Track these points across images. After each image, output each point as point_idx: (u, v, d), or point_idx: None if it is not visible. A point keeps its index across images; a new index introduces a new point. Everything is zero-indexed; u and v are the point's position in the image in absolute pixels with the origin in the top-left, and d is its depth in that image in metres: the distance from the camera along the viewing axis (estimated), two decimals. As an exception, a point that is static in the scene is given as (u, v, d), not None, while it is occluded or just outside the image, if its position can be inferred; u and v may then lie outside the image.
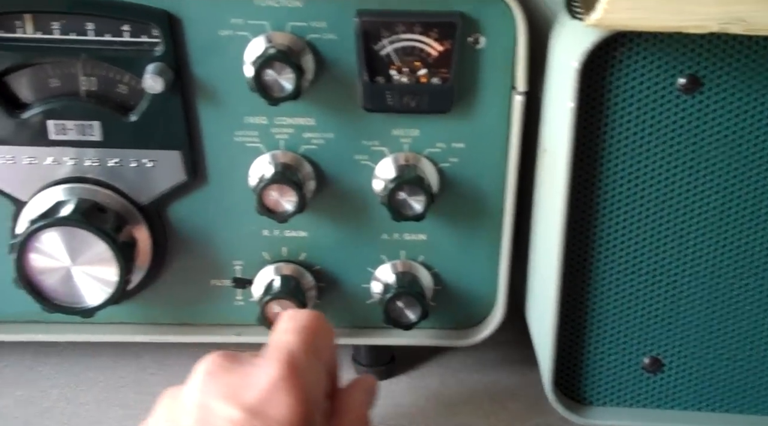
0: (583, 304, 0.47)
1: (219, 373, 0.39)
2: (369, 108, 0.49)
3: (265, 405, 0.37)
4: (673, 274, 0.46)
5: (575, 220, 0.45)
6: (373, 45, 0.48)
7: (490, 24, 0.48)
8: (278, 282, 0.52)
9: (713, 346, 0.48)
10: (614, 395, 0.49)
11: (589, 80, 0.42)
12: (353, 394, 0.45)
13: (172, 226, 0.53)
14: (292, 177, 0.49)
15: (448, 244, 0.54)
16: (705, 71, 0.41)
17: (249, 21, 0.47)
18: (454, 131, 0.51)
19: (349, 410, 0.44)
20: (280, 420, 0.37)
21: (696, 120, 0.42)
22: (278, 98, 0.47)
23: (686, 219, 0.44)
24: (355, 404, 0.45)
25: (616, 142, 0.43)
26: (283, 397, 0.38)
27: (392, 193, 0.49)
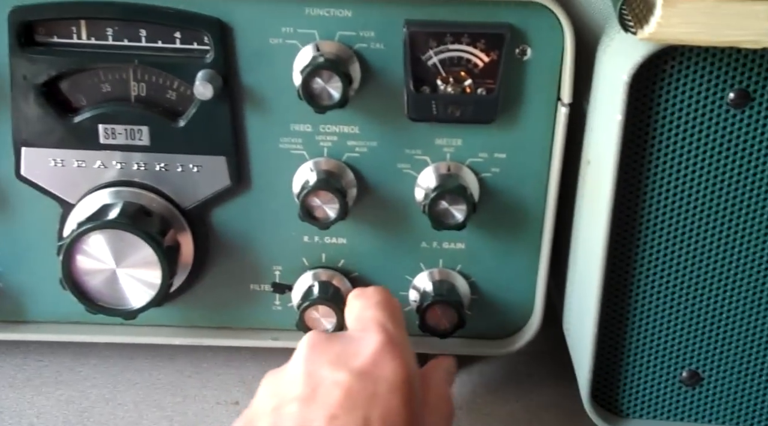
0: (623, 316, 0.47)
1: (322, 344, 0.41)
2: (414, 117, 0.50)
3: (372, 368, 0.39)
4: (715, 289, 0.46)
5: (618, 232, 0.45)
6: (420, 55, 0.48)
7: (538, 36, 0.48)
8: (317, 288, 0.53)
9: (753, 361, 0.48)
10: (652, 408, 0.49)
11: (638, 93, 0.42)
12: (434, 372, 0.47)
13: (215, 230, 0.54)
14: (335, 184, 0.50)
15: (486, 254, 0.54)
16: (755, 86, 0.41)
17: (299, 30, 0.48)
18: (496, 141, 0.51)
19: (431, 387, 0.45)
20: (388, 379, 0.39)
21: (745, 135, 0.42)
22: (326, 106, 0.47)
23: (730, 234, 0.44)
24: (437, 382, 0.46)
25: (662, 156, 0.43)
26: (389, 360, 0.39)
27: (434, 202, 0.50)
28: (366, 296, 0.45)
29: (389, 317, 0.43)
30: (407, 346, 0.42)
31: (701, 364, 0.48)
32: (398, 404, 0.38)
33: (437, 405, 0.44)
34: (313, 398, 0.38)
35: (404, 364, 0.39)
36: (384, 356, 0.39)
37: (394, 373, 0.39)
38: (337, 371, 0.39)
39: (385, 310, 0.43)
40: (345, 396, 0.37)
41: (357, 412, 0.37)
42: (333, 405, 0.37)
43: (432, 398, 0.44)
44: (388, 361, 0.39)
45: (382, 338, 0.40)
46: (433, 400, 0.44)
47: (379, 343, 0.40)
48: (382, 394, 0.38)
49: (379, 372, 0.39)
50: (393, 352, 0.40)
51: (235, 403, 0.56)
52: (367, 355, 0.40)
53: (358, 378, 0.38)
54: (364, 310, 0.44)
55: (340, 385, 0.38)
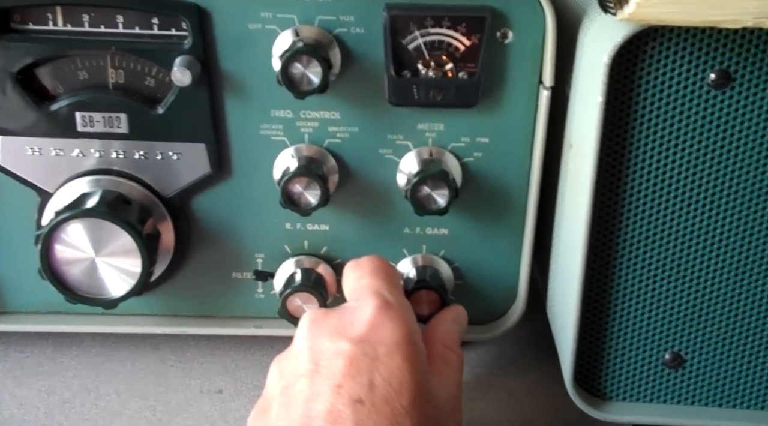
0: (606, 300, 0.47)
1: (320, 319, 0.42)
2: (395, 102, 0.49)
3: (370, 334, 0.40)
4: (697, 271, 0.46)
5: (600, 215, 0.45)
6: (401, 39, 0.48)
7: (519, 19, 0.48)
8: (299, 275, 0.53)
9: (735, 343, 0.48)
10: (635, 391, 0.49)
11: (618, 75, 0.42)
12: (439, 325, 0.48)
13: (196, 218, 0.53)
14: (316, 170, 0.49)
15: (469, 239, 0.54)
16: (736, 66, 0.41)
17: (278, 14, 0.48)
18: (479, 126, 0.51)
19: (438, 340, 0.46)
20: (387, 341, 0.40)
21: (726, 115, 0.42)
22: (305, 92, 0.47)
23: (712, 215, 0.45)
24: (443, 333, 0.47)
25: (644, 138, 0.43)
26: (386, 323, 0.41)
27: (416, 187, 0.49)
28: (360, 266, 0.46)
29: (384, 282, 0.44)
30: (404, 307, 0.43)
31: (683, 346, 0.48)
32: (400, 363, 0.39)
33: (444, 355, 0.45)
34: (317, 371, 0.39)
35: (402, 324, 0.41)
36: (381, 320, 0.41)
37: (392, 335, 0.40)
38: (338, 342, 0.40)
39: (378, 277, 0.44)
40: (348, 364, 0.39)
41: (361, 378, 0.38)
42: (337, 374, 0.38)
43: (438, 350, 0.45)
44: (385, 323, 0.41)
45: (377, 303, 0.42)
46: (439, 351, 0.45)
47: (375, 308, 0.41)
48: (382, 357, 0.39)
49: (378, 336, 0.40)
50: (389, 314, 0.41)
51: (218, 392, 0.55)
52: (364, 321, 0.41)
53: (358, 345, 0.39)
54: (359, 279, 0.45)
55: (342, 355, 0.39)
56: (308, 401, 0.38)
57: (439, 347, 0.46)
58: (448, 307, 0.50)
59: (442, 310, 0.50)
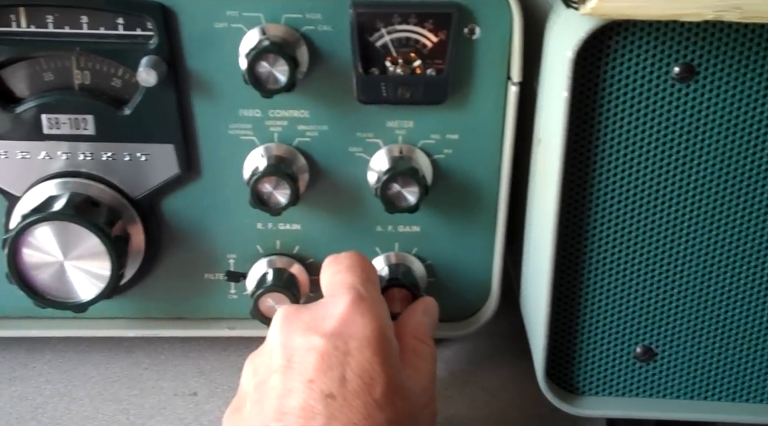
0: (576, 294, 0.47)
1: (293, 315, 0.42)
2: (363, 100, 0.49)
3: (342, 328, 0.40)
4: (666, 264, 0.46)
5: (568, 209, 0.45)
6: (368, 36, 0.48)
7: (486, 14, 0.48)
8: (271, 275, 0.52)
9: (705, 335, 0.48)
10: (607, 385, 0.49)
11: (584, 70, 0.42)
12: (412, 316, 0.48)
13: (166, 219, 0.53)
14: (285, 169, 0.49)
15: (442, 236, 0.54)
16: (700, 60, 0.41)
17: (244, 13, 0.47)
18: (448, 122, 0.51)
19: (409, 332, 0.46)
20: (358, 336, 0.40)
21: (691, 109, 0.42)
22: (272, 91, 0.47)
23: (680, 208, 0.45)
24: (414, 325, 0.47)
25: (610, 132, 0.43)
26: (358, 318, 0.41)
27: (386, 185, 0.49)
28: (338, 261, 0.46)
29: (359, 278, 0.44)
30: (378, 302, 0.43)
31: (654, 339, 0.48)
32: (371, 357, 0.39)
33: (416, 347, 0.45)
34: (290, 367, 0.39)
35: (373, 319, 0.41)
36: (353, 315, 0.41)
37: (363, 329, 0.40)
38: (310, 337, 0.40)
39: (354, 272, 0.45)
40: (319, 359, 0.39)
41: (333, 373, 0.38)
42: (309, 370, 0.39)
43: (409, 342, 0.45)
44: (357, 318, 0.41)
45: (349, 298, 0.42)
46: (410, 343, 0.45)
47: (347, 303, 0.42)
48: (354, 351, 0.39)
49: (350, 330, 0.40)
50: (361, 309, 0.41)
51: (193, 394, 0.55)
52: (336, 316, 0.41)
53: (329, 340, 0.40)
54: (335, 275, 0.45)
55: (314, 350, 0.39)
56: (281, 397, 0.38)
57: (411, 339, 0.46)
58: (419, 299, 0.50)
59: (413, 302, 0.50)
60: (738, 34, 0.41)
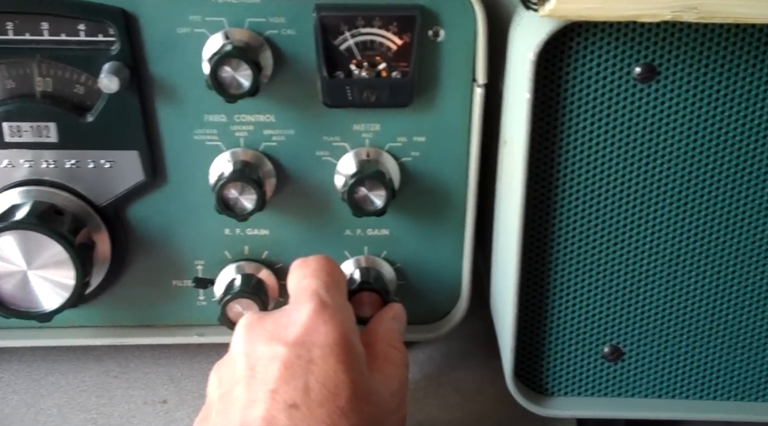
0: (543, 295, 0.48)
1: (256, 324, 0.42)
2: (329, 103, 0.49)
3: (305, 336, 0.40)
4: (632, 263, 0.46)
5: (534, 210, 0.45)
6: (333, 40, 0.48)
7: (450, 17, 0.48)
8: (239, 281, 0.52)
9: (672, 334, 0.48)
10: (575, 385, 0.49)
11: (546, 71, 0.42)
12: (380, 324, 0.48)
13: (132, 226, 0.52)
14: (251, 175, 0.49)
15: (411, 239, 0.54)
16: (661, 60, 0.41)
17: (207, 18, 0.47)
18: (415, 125, 0.51)
19: (380, 339, 0.46)
20: (322, 344, 0.40)
21: (653, 109, 0.42)
22: (236, 95, 0.46)
23: (644, 208, 0.45)
24: (384, 332, 0.47)
25: (573, 133, 0.43)
26: (321, 325, 0.40)
27: (352, 188, 0.49)
28: (305, 266, 0.46)
29: (324, 284, 0.44)
30: (342, 308, 0.43)
31: (622, 338, 0.48)
32: (335, 365, 0.39)
33: (387, 353, 0.45)
34: (253, 377, 0.39)
35: (337, 326, 0.41)
36: (316, 322, 0.41)
37: (327, 337, 0.40)
38: (273, 346, 0.40)
39: (319, 278, 0.44)
40: (283, 368, 0.39)
41: (296, 382, 0.38)
42: (273, 379, 0.38)
43: (381, 348, 0.45)
44: (320, 326, 0.40)
45: (313, 306, 0.42)
46: (382, 349, 0.45)
47: (311, 311, 0.41)
48: (317, 359, 0.39)
49: (313, 338, 0.40)
50: (324, 316, 0.41)
51: (162, 402, 0.55)
52: (299, 324, 0.41)
53: (292, 349, 0.39)
54: (301, 280, 0.45)
55: (277, 359, 0.39)
56: (245, 408, 0.38)
57: (383, 345, 0.46)
58: (387, 305, 0.50)
59: (381, 310, 0.50)
60: (698, 34, 0.41)
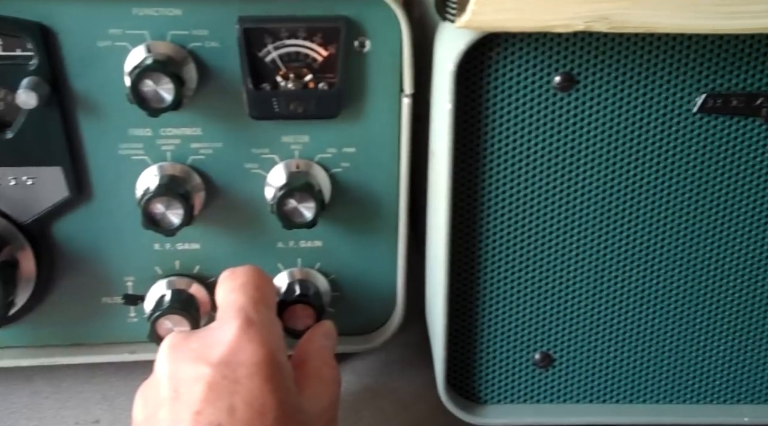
0: (473, 303, 0.48)
1: (181, 343, 0.41)
2: (255, 116, 0.49)
3: (230, 356, 0.39)
4: (559, 270, 0.47)
5: (460, 220, 0.46)
6: (257, 52, 0.47)
7: (375, 27, 0.48)
8: (169, 296, 0.51)
9: (601, 339, 0.49)
10: (508, 392, 0.50)
11: (467, 82, 0.42)
12: (312, 342, 0.47)
13: (58, 244, 0.51)
14: (177, 189, 0.48)
15: (344, 250, 0.54)
16: (579, 69, 0.42)
17: (128, 31, 0.46)
18: (344, 136, 0.51)
19: (312, 356, 0.46)
20: (247, 363, 0.39)
21: (573, 117, 0.43)
22: (158, 109, 0.46)
23: (569, 215, 0.45)
24: (316, 350, 0.46)
25: (496, 142, 0.43)
26: (246, 344, 0.40)
27: (281, 201, 0.49)
28: (232, 278, 0.45)
29: (251, 300, 0.43)
30: (268, 325, 0.42)
31: (552, 345, 0.48)
32: (261, 384, 0.38)
33: (319, 371, 0.45)
34: (177, 399, 0.38)
35: (262, 344, 0.40)
36: (241, 341, 0.40)
37: (252, 356, 0.39)
38: (197, 366, 0.39)
39: (247, 293, 0.44)
40: (207, 389, 0.38)
41: (221, 403, 0.37)
42: (197, 401, 0.38)
43: (314, 365, 0.45)
44: (245, 345, 0.40)
45: (238, 324, 0.41)
46: (314, 366, 0.45)
47: (236, 330, 0.40)
48: (242, 379, 0.38)
49: (238, 358, 0.39)
50: (249, 335, 0.40)
51: (95, 422, 0.53)
52: (224, 344, 0.40)
53: (217, 369, 0.39)
54: (228, 294, 0.44)
55: (202, 380, 0.38)
56: None
57: (315, 362, 0.46)
58: (317, 324, 0.50)
59: (312, 327, 0.50)
60: (614, 43, 0.41)
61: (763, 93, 0.42)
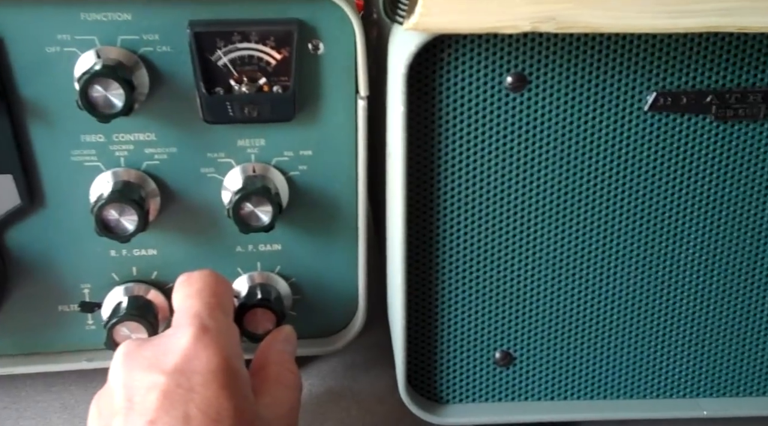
0: (431, 303, 0.48)
1: (135, 351, 0.40)
2: (210, 120, 0.48)
3: (184, 364, 0.39)
4: (517, 269, 0.47)
5: (417, 221, 0.46)
6: (210, 56, 0.47)
7: (328, 30, 0.47)
8: (125, 303, 0.51)
9: (561, 336, 0.49)
10: (469, 392, 0.50)
11: (419, 83, 0.42)
12: (273, 345, 0.47)
13: (12, 252, 0.51)
14: (131, 195, 0.47)
15: (304, 253, 0.54)
16: (531, 69, 0.42)
17: (77, 36, 0.46)
18: (301, 139, 0.50)
19: (272, 361, 0.45)
20: (202, 371, 0.38)
21: (526, 117, 0.43)
22: (108, 115, 0.45)
23: (525, 214, 0.45)
24: (276, 354, 0.46)
25: (451, 143, 0.43)
26: (201, 352, 0.39)
27: (237, 205, 0.48)
28: (189, 283, 0.45)
29: (207, 306, 0.43)
30: (224, 331, 0.42)
31: (512, 343, 0.49)
32: (217, 391, 0.38)
33: (279, 376, 0.44)
34: (131, 408, 0.38)
35: (217, 351, 0.40)
36: (196, 348, 0.40)
37: (207, 363, 0.39)
38: (151, 375, 0.39)
39: (202, 298, 0.43)
40: (162, 398, 0.37)
41: (175, 412, 0.37)
42: (151, 410, 0.37)
43: (273, 370, 0.45)
44: (200, 352, 0.39)
45: (193, 331, 0.40)
46: (274, 372, 0.44)
47: (191, 337, 0.40)
48: (197, 387, 0.38)
49: (193, 365, 0.39)
50: (204, 341, 0.40)
51: (54, 431, 0.53)
52: (179, 351, 0.39)
53: (172, 377, 0.38)
54: (184, 300, 0.44)
55: (156, 388, 0.38)
56: None
57: (275, 368, 0.45)
58: (277, 328, 0.50)
59: (271, 332, 0.49)
60: (565, 43, 0.41)
61: (712, 91, 0.42)
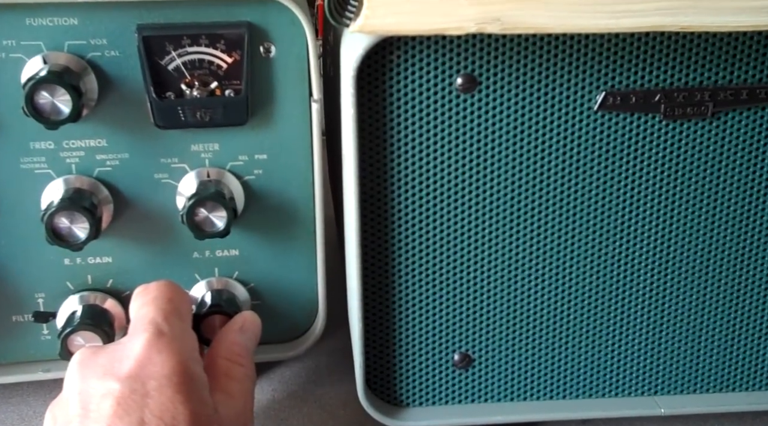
0: (388, 306, 0.47)
1: (90, 358, 0.40)
2: (162, 125, 0.48)
3: (139, 369, 0.39)
4: (473, 270, 0.47)
5: (370, 224, 0.45)
6: (159, 60, 0.46)
7: (279, 32, 0.47)
8: (80, 312, 0.50)
9: (519, 337, 0.49)
10: (429, 394, 0.50)
11: (369, 85, 0.42)
12: (225, 337, 0.47)
13: (-38, 263, 0.50)
14: (81, 202, 0.47)
15: (262, 258, 0.53)
16: (481, 70, 0.42)
17: (22, 42, 0.45)
18: (255, 143, 0.50)
19: (221, 355, 0.45)
20: (157, 375, 0.38)
21: (477, 118, 0.43)
22: (56, 122, 0.44)
23: (478, 215, 0.45)
24: (227, 346, 0.45)
25: (402, 145, 0.43)
26: (156, 356, 0.39)
27: (191, 211, 0.48)
28: (145, 293, 0.45)
29: (162, 312, 0.43)
30: (179, 336, 0.42)
31: (470, 345, 0.48)
32: (172, 396, 0.38)
33: (227, 370, 0.44)
34: (86, 416, 0.38)
35: (172, 355, 0.40)
36: (150, 354, 0.39)
37: (162, 368, 0.39)
38: (106, 381, 0.38)
39: (158, 306, 0.43)
40: (116, 404, 0.37)
41: (130, 418, 0.37)
42: (105, 417, 0.37)
43: (221, 365, 0.44)
44: (154, 356, 0.39)
45: (147, 336, 0.40)
46: (222, 366, 0.44)
47: (145, 342, 0.40)
48: (153, 392, 0.38)
49: (147, 371, 0.39)
50: (158, 346, 0.40)
51: (12, 444, 0.52)
52: (133, 357, 0.39)
53: (126, 383, 0.38)
54: (140, 308, 0.44)
55: (110, 395, 0.38)
56: None
57: (222, 362, 0.45)
58: (236, 315, 0.49)
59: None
60: (513, 43, 0.41)
61: (660, 90, 0.42)
